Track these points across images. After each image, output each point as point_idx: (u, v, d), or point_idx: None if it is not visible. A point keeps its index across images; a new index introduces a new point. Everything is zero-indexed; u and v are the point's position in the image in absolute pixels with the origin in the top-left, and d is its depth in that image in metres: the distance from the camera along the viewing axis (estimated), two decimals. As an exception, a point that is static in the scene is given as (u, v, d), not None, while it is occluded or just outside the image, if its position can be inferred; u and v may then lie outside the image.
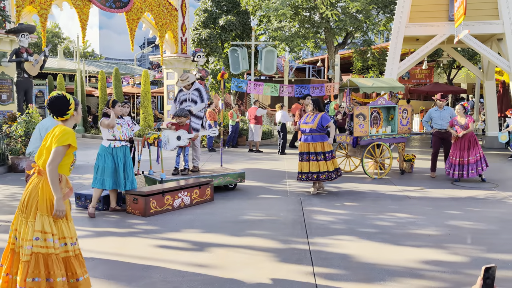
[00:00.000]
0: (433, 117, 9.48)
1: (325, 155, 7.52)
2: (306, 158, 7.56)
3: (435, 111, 9.49)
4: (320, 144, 7.52)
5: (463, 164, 8.70)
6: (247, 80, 14.15)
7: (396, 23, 12.86)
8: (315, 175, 7.51)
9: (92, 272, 4.19)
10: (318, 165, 7.50)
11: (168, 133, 7.57)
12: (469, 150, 8.69)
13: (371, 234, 5.38)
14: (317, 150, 7.51)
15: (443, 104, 9.50)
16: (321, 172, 7.49)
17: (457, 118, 8.85)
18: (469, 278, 4.07)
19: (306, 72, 32.44)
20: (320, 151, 7.51)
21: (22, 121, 10.12)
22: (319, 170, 7.49)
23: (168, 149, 7.62)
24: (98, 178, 6.27)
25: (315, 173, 7.50)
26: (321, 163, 7.49)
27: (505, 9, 12.55)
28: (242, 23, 21.52)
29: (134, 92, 25.18)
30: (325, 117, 7.57)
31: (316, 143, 7.51)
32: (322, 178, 7.51)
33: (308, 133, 7.56)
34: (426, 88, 24.01)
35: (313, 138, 7.53)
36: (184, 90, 8.37)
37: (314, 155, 7.51)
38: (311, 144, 7.53)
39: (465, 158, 8.67)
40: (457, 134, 8.67)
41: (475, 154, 8.70)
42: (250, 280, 4.02)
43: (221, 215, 6.31)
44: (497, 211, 6.55)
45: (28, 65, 11.70)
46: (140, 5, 15.36)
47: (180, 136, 7.63)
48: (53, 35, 39.69)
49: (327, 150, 7.54)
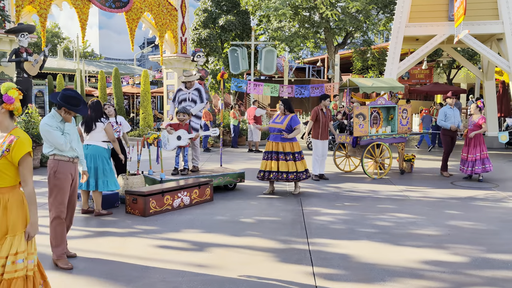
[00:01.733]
0: (447, 115, 9.41)
1: (294, 155, 7.45)
2: (275, 157, 7.46)
3: (449, 109, 9.43)
4: (289, 144, 7.45)
5: (474, 160, 8.81)
6: (247, 80, 14.15)
7: (396, 23, 12.86)
8: (285, 175, 7.41)
9: (91, 272, 4.19)
10: (287, 165, 7.41)
11: (170, 133, 7.56)
12: (475, 148, 8.82)
13: (371, 234, 5.37)
14: (285, 150, 7.43)
15: (454, 101, 9.49)
16: (290, 172, 7.41)
17: (473, 117, 8.91)
18: (469, 278, 4.06)
19: (306, 72, 32.43)
20: (289, 151, 7.43)
21: (22, 121, 10.11)
22: (288, 170, 7.41)
23: (168, 149, 7.60)
24: None
25: (284, 172, 7.41)
26: (290, 163, 7.41)
27: (504, 9, 12.55)
28: (242, 23, 21.52)
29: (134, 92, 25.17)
30: (294, 119, 7.52)
31: (285, 143, 7.45)
32: (290, 178, 7.42)
33: (277, 132, 7.50)
34: (426, 88, 24.01)
35: (282, 138, 7.47)
36: (184, 90, 8.35)
37: (283, 155, 7.43)
38: (280, 144, 7.46)
39: (475, 154, 8.79)
40: (469, 135, 8.80)
41: (480, 152, 8.83)
42: (249, 280, 4.02)
43: (221, 215, 6.30)
44: (497, 211, 6.54)
45: (28, 65, 11.69)
46: (139, 5, 15.35)
47: (181, 136, 7.61)
48: (52, 35, 39.68)
49: (296, 150, 7.49)
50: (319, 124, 8.95)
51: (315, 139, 9.04)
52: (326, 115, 8.98)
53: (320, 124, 8.92)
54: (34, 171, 9.74)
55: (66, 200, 4.39)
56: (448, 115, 9.37)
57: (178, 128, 7.64)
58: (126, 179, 6.98)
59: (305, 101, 25.66)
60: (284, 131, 7.42)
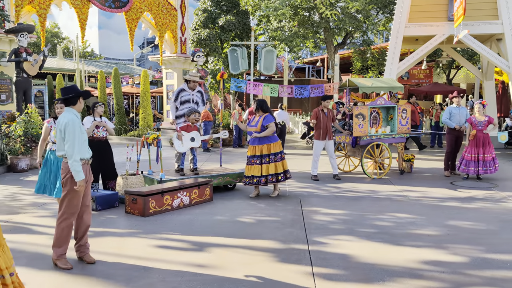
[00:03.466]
0: (453, 113, 9.38)
1: (276, 156, 7.29)
2: (258, 161, 7.26)
3: (455, 108, 9.40)
4: (267, 146, 7.27)
5: (478, 161, 8.81)
6: (247, 80, 14.14)
7: (396, 23, 12.86)
8: (274, 177, 7.26)
9: (91, 272, 4.19)
10: (270, 167, 7.24)
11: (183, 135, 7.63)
12: (484, 148, 8.80)
13: (370, 234, 5.38)
14: (265, 152, 7.26)
15: (460, 100, 9.48)
16: (276, 174, 7.28)
17: (476, 116, 8.90)
18: (469, 278, 4.07)
19: (306, 72, 32.44)
20: (272, 152, 7.26)
21: (21, 121, 10.11)
22: (276, 172, 7.26)
23: (181, 151, 7.66)
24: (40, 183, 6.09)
25: (273, 175, 7.25)
26: (278, 163, 7.28)
27: (504, 9, 12.55)
28: (242, 23, 21.50)
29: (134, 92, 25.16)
30: (267, 118, 7.33)
31: (263, 145, 7.28)
32: (280, 179, 7.32)
33: (255, 135, 7.34)
34: (425, 88, 24.01)
35: (259, 140, 7.31)
36: (187, 90, 8.33)
37: (267, 157, 7.26)
38: (257, 147, 7.29)
39: (481, 154, 8.79)
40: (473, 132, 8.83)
41: (491, 152, 8.84)
42: (249, 280, 4.02)
43: (220, 215, 6.30)
44: (496, 211, 6.55)
45: (27, 65, 11.69)
46: (139, 5, 15.35)
47: (194, 137, 7.69)
48: (52, 35, 39.66)
49: (277, 151, 7.31)
50: (320, 125, 8.95)
51: (316, 139, 9.06)
52: (327, 116, 8.97)
53: (321, 125, 8.93)
54: (33, 172, 9.75)
55: (80, 203, 4.37)
56: (453, 114, 9.34)
57: (188, 129, 7.67)
58: (126, 179, 6.98)
59: (305, 102, 25.67)
60: (258, 133, 7.27)
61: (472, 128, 8.87)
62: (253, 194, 7.55)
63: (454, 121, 9.30)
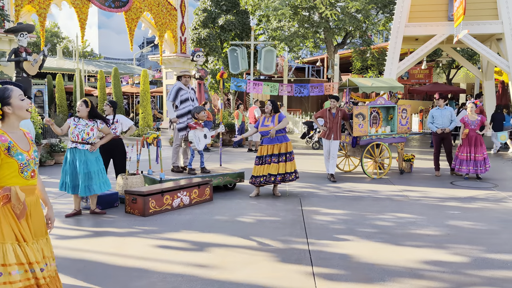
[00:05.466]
0: (434, 116, 9.49)
1: (291, 155, 7.44)
2: (274, 160, 7.35)
3: (436, 110, 9.54)
4: (284, 145, 7.42)
5: (470, 160, 8.87)
6: (247, 80, 14.14)
7: (396, 23, 12.86)
8: (287, 176, 7.36)
9: (91, 273, 4.18)
10: (287, 166, 7.37)
11: (197, 133, 7.65)
12: (476, 147, 8.87)
13: (370, 234, 5.37)
14: (282, 151, 7.38)
15: (442, 103, 9.51)
16: (290, 173, 7.39)
17: (468, 115, 8.93)
18: (469, 278, 4.06)
19: (306, 72, 32.46)
20: (285, 151, 7.40)
21: (21, 120, 10.10)
22: (290, 171, 7.39)
23: (200, 148, 7.71)
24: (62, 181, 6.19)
25: (287, 173, 7.37)
26: (289, 163, 7.39)
27: (504, 9, 12.55)
28: (242, 22, 21.52)
29: (133, 91, 25.17)
30: (281, 116, 7.50)
31: (281, 144, 7.40)
32: (291, 178, 7.42)
33: (272, 133, 7.38)
34: (425, 88, 24.03)
35: (277, 139, 7.40)
36: (185, 89, 8.32)
37: (283, 156, 7.38)
38: (275, 146, 7.38)
39: (473, 154, 8.85)
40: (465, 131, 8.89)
41: (482, 152, 8.89)
42: (249, 280, 4.01)
43: (221, 215, 6.30)
44: (496, 211, 6.55)
45: (27, 65, 11.67)
46: (139, 5, 15.34)
47: (206, 134, 7.76)
48: (52, 35, 39.64)
49: (290, 150, 7.48)
50: (325, 124, 9.03)
51: (322, 137, 9.21)
52: (334, 116, 8.96)
53: (327, 125, 8.97)
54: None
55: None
56: (435, 116, 9.49)
57: (195, 127, 7.69)
58: (126, 179, 6.98)
59: (304, 101, 25.68)
60: (278, 131, 7.37)
61: (465, 127, 8.94)
62: (253, 194, 7.56)
63: (437, 123, 9.43)
